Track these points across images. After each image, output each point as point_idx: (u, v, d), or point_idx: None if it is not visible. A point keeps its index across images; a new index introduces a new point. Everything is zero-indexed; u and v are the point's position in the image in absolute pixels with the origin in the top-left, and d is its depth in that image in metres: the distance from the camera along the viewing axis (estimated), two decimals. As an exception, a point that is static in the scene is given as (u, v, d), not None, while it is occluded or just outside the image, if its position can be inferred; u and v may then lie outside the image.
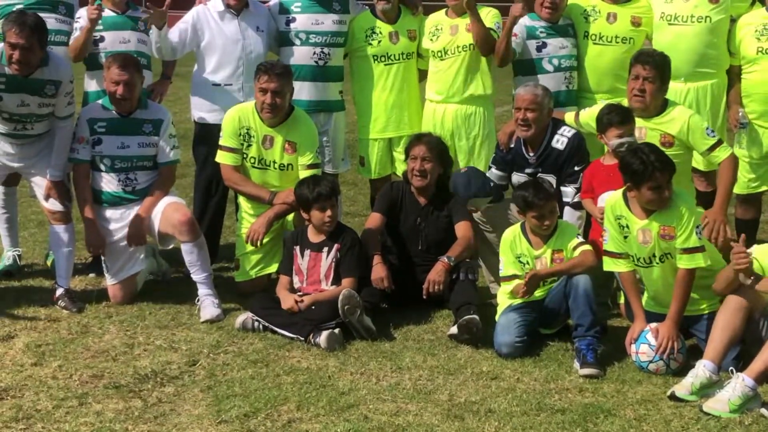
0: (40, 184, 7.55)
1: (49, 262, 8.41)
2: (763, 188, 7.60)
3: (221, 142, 7.72)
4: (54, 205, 7.44)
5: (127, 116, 7.55)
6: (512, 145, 7.74)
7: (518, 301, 6.73)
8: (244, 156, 7.71)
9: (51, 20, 7.73)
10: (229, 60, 8.21)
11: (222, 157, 7.72)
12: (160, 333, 6.83)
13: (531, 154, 7.57)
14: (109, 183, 7.59)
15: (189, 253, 7.36)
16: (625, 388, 5.98)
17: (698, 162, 7.42)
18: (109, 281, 7.64)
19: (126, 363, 6.25)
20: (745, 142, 7.86)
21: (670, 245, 6.37)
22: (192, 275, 7.41)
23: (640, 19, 8.13)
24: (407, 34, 8.49)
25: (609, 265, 6.70)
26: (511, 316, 6.64)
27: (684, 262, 6.32)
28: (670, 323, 6.29)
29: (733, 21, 7.95)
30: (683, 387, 5.81)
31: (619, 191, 6.58)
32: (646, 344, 6.27)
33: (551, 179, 7.50)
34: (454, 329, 6.76)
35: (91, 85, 8.17)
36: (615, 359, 6.44)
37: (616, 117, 7.09)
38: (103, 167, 7.57)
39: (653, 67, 7.09)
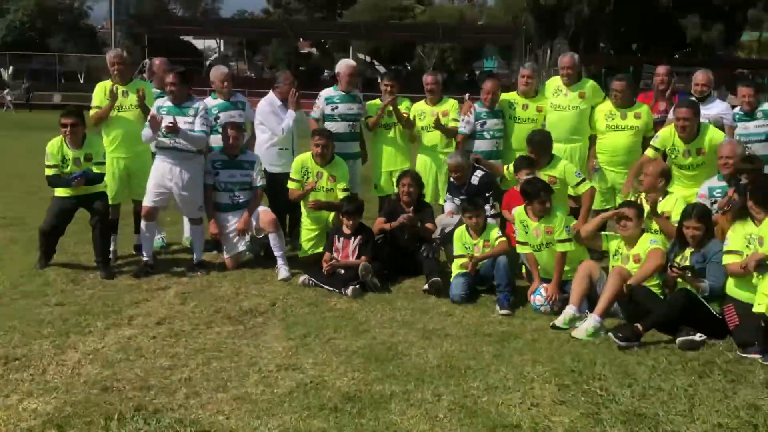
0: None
1: (187, 243, 8.33)
2: (608, 206, 7.47)
3: (291, 176, 7.68)
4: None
5: (234, 159, 7.60)
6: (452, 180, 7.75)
7: (464, 270, 6.80)
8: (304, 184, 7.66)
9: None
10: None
11: (291, 184, 7.69)
12: (254, 286, 6.92)
13: (463, 190, 7.59)
14: (223, 197, 7.62)
15: (272, 239, 7.42)
16: (526, 322, 6.11)
17: (570, 191, 7.35)
18: (225, 255, 7.65)
19: (234, 303, 6.40)
20: (598, 180, 7.84)
21: (551, 238, 6.56)
22: (273, 252, 7.45)
23: (542, 108, 8.07)
24: (397, 114, 8.29)
25: (520, 248, 6.83)
26: (460, 279, 6.72)
27: (560, 248, 6.51)
28: (554, 283, 6.44)
29: (593, 108, 7.97)
30: (560, 321, 5.96)
31: (522, 206, 6.77)
32: (540, 296, 6.40)
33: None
34: (426, 286, 6.84)
35: (213, 142, 7.90)
36: (521, 305, 6.52)
37: (525, 163, 7.25)
38: (220, 188, 7.62)
39: (534, 146, 7.23)
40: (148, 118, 7.12)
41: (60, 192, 7.24)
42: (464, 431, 4.16)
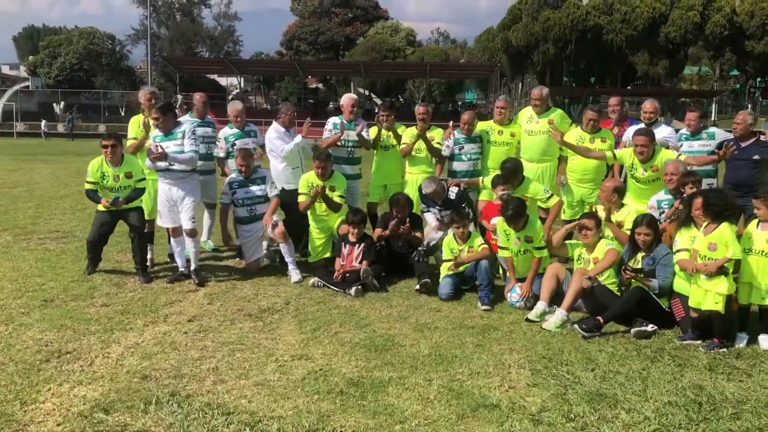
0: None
1: (207, 247, 8.52)
2: (576, 217, 7.53)
3: (300, 191, 7.60)
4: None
5: (248, 178, 7.55)
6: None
7: (451, 272, 6.79)
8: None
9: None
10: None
11: (301, 198, 7.58)
12: (271, 288, 6.89)
13: (438, 202, 7.59)
14: (242, 212, 7.55)
15: (283, 249, 7.37)
16: (503, 316, 6.10)
17: (541, 204, 7.31)
18: (245, 261, 7.64)
19: (253, 302, 6.38)
20: (566, 193, 7.89)
21: (529, 245, 6.55)
22: (285, 259, 7.40)
23: (515, 133, 8.07)
24: (396, 139, 8.31)
25: (501, 252, 6.81)
26: (447, 279, 6.71)
27: (537, 254, 6.50)
28: (527, 282, 6.44)
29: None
30: (532, 315, 5.95)
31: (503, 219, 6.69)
32: (515, 293, 6.39)
33: (448, 212, 7.44)
34: (418, 286, 6.81)
35: (232, 165, 7.98)
36: (499, 302, 6.49)
37: (500, 180, 7.26)
38: (238, 204, 7.56)
39: (505, 172, 7.19)
40: (147, 149, 7.06)
41: (101, 207, 7.20)
42: (451, 411, 4.15)
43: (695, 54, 63.69)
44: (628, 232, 6.16)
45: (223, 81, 67.44)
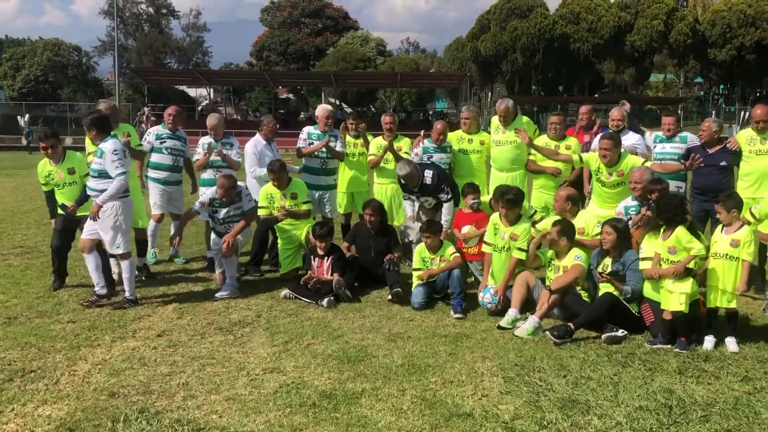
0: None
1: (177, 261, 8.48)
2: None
3: (260, 203, 7.57)
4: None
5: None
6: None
7: (423, 281, 6.77)
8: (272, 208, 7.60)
9: None
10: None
11: (261, 211, 7.56)
12: (242, 301, 6.79)
13: (414, 188, 7.54)
14: (220, 228, 7.24)
15: (225, 262, 7.11)
16: (476, 324, 6.11)
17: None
18: (217, 273, 7.34)
19: (224, 316, 6.30)
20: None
21: (513, 243, 6.55)
22: (225, 272, 7.16)
23: (484, 141, 8.15)
24: (365, 145, 8.44)
25: (484, 248, 6.79)
26: (419, 288, 6.71)
27: (515, 254, 6.50)
28: (502, 284, 6.44)
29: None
30: (504, 322, 5.96)
31: (496, 213, 6.76)
32: (488, 294, 6.38)
33: (428, 197, 7.51)
34: (390, 296, 6.80)
35: (206, 174, 8.09)
36: (471, 310, 6.49)
37: (471, 189, 7.32)
38: (218, 222, 7.29)
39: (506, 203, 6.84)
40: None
41: (60, 211, 7.11)
42: (425, 421, 4.13)
43: (660, 62, 64.95)
44: (587, 238, 6.26)
45: (192, 92, 66.85)
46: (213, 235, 7.48)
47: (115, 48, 53.45)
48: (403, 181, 7.56)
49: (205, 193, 7.43)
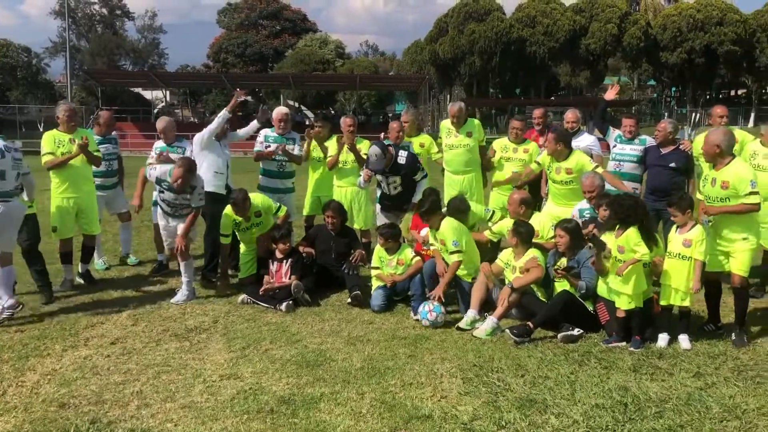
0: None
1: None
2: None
3: (222, 232, 7.32)
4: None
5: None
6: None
7: (383, 283, 6.77)
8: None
9: None
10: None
11: (223, 240, 7.39)
12: (199, 306, 6.70)
13: (386, 169, 7.40)
14: (166, 208, 7.12)
15: (181, 266, 7.00)
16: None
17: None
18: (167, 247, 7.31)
19: (180, 322, 6.20)
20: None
21: (442, 248, 6.53)
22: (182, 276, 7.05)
23: (424, 143, 8.34)
24: (326, 150, 8.34)
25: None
26: (379, 291, 6.70)
27: (449, 258, 6.46)
28: (440, 286, 6.38)
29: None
30: (463, 323, 5.98)
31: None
32: (426, 319, 6.07)
33: (396, 177, 7.42)
34: (350, 299, 6.77)
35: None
36: None
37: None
38: (165, 208, 7.15)
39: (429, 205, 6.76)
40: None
41: None
42: (384, 424, 4.11)
43: (614, 65, 66.31)
44: (542, 240, 6.35)
45: (147, 94, 65.73)
46: (160, 211, 7.24)
47: (67, 49, 52.27)
48: (374, 158, 7.38)
49: (158, 169, 7.11)
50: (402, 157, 7.49)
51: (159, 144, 8.14)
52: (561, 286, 6.05)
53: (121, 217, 8.55)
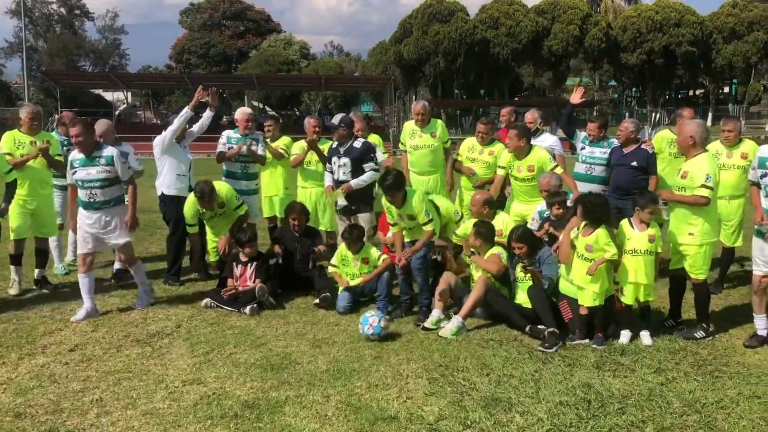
0: None
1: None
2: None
3: (188, 222, 7.44)
4: None
5: (89, 156, 6.35)
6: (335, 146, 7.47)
7: (357, 286, 6.75)
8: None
9: None
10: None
11: (189, 229, 7.53)
12: (161, 311, 6.59)
13: (342, 150, 7.35)
14: (82, 195, 6.41)
15: (132, 270, 6.86)
16: (401, 326, 6.09)
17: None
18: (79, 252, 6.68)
19: (142, 327, 6.08)
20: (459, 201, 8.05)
21: (413, 223, 6.46)
22: (138, 283, 6.87)
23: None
24: (289, 150, 8.38)
25: (393, 229, 6.66)
26: (345, 292, 6.67)
27: (426, 228, 6.36)
28: (410, 251, 6.38)
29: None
30: (428, 323, 5.98)
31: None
32: (368, 325, 5.73)
33: (347, 160, 7.27)
34: (317, 301, 6.74)
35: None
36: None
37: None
38: (79, 186, 6.43)
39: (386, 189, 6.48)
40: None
41: None
42: (350, 426, 4.09)
43: (576, 66, 67.26)
44: (505, 239, 6.42)
45: (108, 96, 64.59)
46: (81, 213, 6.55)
47: (24, 50, 51.11)
48: (338, 119, 7.40)
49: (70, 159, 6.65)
50: (359, 142, 7.44)
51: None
52: (522, 289, 6.10)
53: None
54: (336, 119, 8.15)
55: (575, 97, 8.00)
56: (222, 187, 7.51)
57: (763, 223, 5.44)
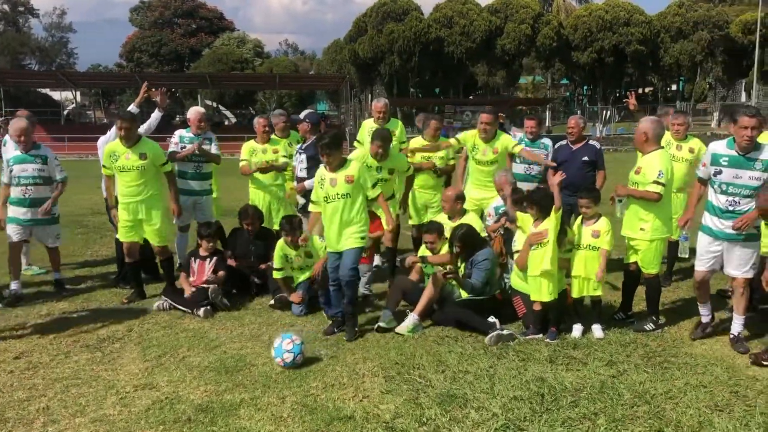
0: None
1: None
2: (421, 221, 7.81)
3: (104, 164, 7.01)
4: None
5: (26, 152, 7.05)
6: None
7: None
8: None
9: None
10: None
11: (105, 171, 7.05)
12: (112, 314, 6.43)
13: (302, 147, 7.44)
14: (16, 192, 7.05)
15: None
16: (359, 326, 6.03)
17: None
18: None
19: (92, 332, 5.94)
20: (411, 201, 7.94)
21: (349, 187, 5.85)
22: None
23: None
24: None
25: (311, 208, 6.15)
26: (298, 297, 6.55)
27: (371, 193, 5.98)
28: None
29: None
30: (383, 322, 5.95)
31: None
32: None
33: (304, 157, 7.29)
34: (272, 302, 6.68)
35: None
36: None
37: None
38: (13, 183, 7.03)
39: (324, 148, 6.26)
40: None
41: None
42: (305, 427, 4.06)
43: (529, 64, 68.22)
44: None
45: (56, 95, 62.94)
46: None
47: (-35, 48, 49.24)
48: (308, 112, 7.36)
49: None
50: (327, 136, 7.35)
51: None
52: (516, 273, 6.10)
53: None
54: (302, 114, 8.11)
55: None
56: (151, 145, 6.98)
57: (686, 229, 5.60)
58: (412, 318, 5.89)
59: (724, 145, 5.38)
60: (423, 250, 6.52)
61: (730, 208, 5.28)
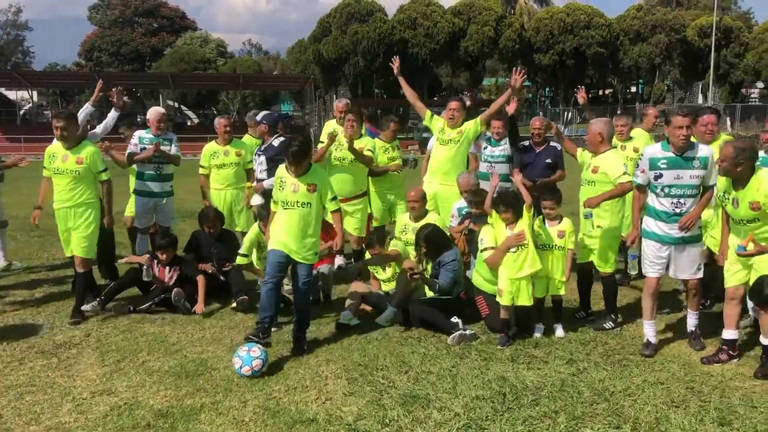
0: None
1: None
2: (385, 222, 7.94)
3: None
4: None
5: None
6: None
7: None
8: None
9: None
10: None
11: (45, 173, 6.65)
12: (68, 319, 6.26)
13: (261, 149, 7.46)
14: None
15: None
16: (321, 327, 6.03)
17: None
18: None
19: (48, 338, 5.80)
20: (372, 201, 8.14)
21: (313, 197, 5.61)
22: None
23: None
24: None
25: (273, 207, 5.96)
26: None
27: (331, 206, 5.80)
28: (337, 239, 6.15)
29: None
30: (343, 319, 6.01)
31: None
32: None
33: (263, 158, 7.35)
34: (234, 304, 6.61)
35: None
36: (318, 316, 6.32)
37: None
38: None
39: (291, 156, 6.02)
40: None
41: None
42: (268, 431, 4.03)
43: (492, 66, 68.80)
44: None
45: (12, 95, 61.38)
46: None
47: None
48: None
49: None
50: (278, 140, 7.35)
51: None
52: (480, 265, 6.09)
53: None
54: (259, 116, 8.05)
55: (511, 108, 7.83)
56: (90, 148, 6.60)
57: (635, 246, 5.79)
58: (390, 310, 6.01)
59: (659, 148, 5.37)
60: (366, 255, 6.51)
61: (677, 210, 5.25)
